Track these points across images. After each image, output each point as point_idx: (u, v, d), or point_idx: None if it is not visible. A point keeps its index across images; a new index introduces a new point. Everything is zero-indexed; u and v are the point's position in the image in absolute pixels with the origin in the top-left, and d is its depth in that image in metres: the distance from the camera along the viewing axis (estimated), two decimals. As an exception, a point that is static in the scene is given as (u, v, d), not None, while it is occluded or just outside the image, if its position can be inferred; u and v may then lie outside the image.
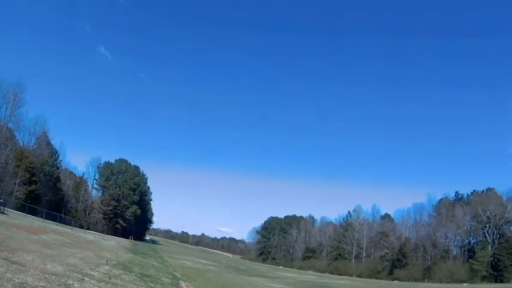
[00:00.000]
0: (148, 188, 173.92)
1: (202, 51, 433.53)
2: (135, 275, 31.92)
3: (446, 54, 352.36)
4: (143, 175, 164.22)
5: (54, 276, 20.04)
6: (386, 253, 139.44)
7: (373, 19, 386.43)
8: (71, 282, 19.80)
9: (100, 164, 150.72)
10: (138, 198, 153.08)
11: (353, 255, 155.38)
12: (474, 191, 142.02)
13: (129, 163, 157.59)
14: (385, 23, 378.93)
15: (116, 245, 74.63)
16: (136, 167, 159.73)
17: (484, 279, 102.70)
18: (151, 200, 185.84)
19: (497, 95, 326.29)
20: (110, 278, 25.70)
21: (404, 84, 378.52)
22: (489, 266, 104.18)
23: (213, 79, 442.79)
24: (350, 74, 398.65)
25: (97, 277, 24.62)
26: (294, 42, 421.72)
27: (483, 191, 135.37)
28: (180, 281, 35.79)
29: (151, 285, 28.30)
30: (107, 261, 37.01)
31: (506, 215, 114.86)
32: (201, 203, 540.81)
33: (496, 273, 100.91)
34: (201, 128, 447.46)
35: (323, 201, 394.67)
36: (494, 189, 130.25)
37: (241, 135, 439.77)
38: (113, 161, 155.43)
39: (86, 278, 22.64)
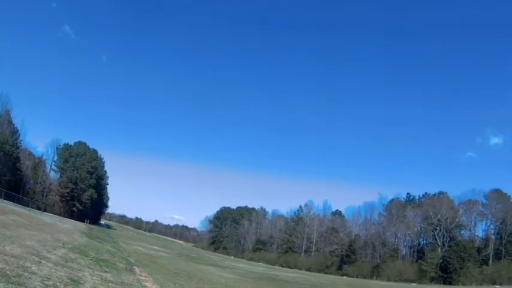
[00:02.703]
0: (105, 172, 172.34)
1: (165, 42, 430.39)
2: (91, 259, 32.45)
3: (385, 52, 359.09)
4: (101, 159, 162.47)
5: (13, 259, 20.58)
6: (336, 249, 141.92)
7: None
8: (29, 265, 20.37)
9: (59, 146, 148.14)
10: (95, 181, 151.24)
11: (303, 249, 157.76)
12: (426, 193, 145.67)
13: (88, 146, 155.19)
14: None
15: (72, 228, 74.55)
16: (95, 151, 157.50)
17: (432, 280, 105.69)
18: (107, 184, 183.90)
19: (453, 101, 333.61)
20: (66, 261, 26.26)
21: (364, 83, 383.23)
22: (438, 268, 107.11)
23: (175, 67, 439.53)
24: (327, 66, 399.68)
25: (54, 260, 25.16)
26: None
27: (435, 194, 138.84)
28: (134, 267, 36.43)
29: (107, 269, 28.83)
30: (63, 245, 37.45)
31: (457, 219, 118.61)
32: (156, 190, 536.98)
33: (445, 275, 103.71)
34: (159, 116, 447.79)
35: (275, 194, 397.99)
36: (446, 193, 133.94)
37: (197, 126, 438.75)
38: (72, 143, 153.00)
39: (43, 261, 23.22)
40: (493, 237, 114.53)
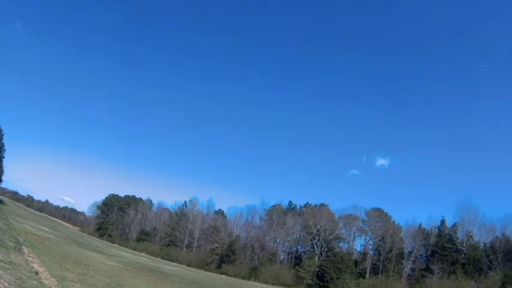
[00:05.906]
0: (3, 144, 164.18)
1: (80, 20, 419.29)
2: (-19, 235, 31.71)
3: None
4: (0, 130, 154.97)
5: None
6: (217, 247, 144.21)
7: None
8: None
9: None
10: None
11: (185, 244, 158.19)
12: (307, 203, 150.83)
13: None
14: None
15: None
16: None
17: (309, 286, 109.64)
18: (3, 157, 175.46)
19: (344, 118, 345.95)
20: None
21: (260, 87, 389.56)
22: (315, 276, 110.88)
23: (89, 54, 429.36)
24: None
25: None
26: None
27: (316, 205, 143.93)
28: (23, 247, 35.82)
29: (-3, 247, 28.33)
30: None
31: (336, 232, 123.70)
32: (49, 169, 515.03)
33: (321, 283, 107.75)
34: (63, 99, 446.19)
35: (163, 187, 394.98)
36: (327, 205, 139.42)
37: (93, 114, 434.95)
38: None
39: None
40: (371, 252, 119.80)
